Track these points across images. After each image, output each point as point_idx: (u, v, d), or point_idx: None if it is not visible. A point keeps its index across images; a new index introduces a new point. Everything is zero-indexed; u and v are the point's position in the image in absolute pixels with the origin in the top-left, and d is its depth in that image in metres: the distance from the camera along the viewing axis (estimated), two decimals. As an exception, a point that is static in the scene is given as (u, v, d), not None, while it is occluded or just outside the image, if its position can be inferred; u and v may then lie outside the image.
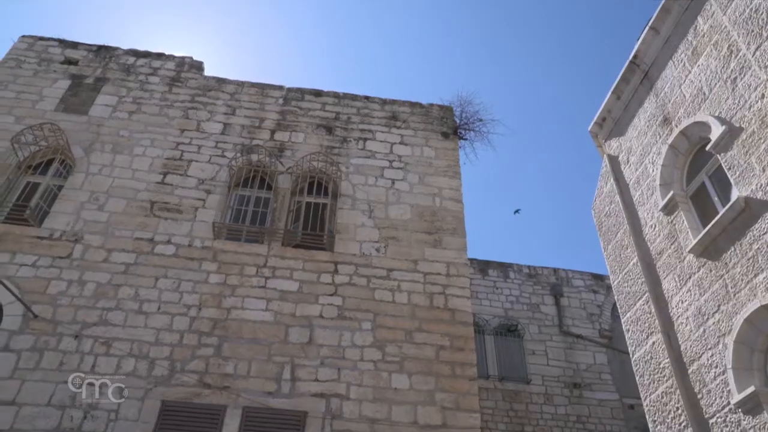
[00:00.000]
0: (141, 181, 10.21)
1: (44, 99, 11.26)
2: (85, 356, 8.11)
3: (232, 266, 9.29)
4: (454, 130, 12.16)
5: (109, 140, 10.75)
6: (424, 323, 9.15)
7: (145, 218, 9.70)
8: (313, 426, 7.84)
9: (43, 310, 8.42)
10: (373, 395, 8.26)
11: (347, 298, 9.21)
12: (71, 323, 8.38)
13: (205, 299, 8.88)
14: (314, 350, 8.59)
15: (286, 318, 8.86)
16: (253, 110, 11.75)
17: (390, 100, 12.55)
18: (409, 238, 10.16)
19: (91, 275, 8.91)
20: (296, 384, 8.22)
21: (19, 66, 11.70)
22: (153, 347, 8.31)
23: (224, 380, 8.14)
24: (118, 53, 12.45)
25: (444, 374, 8.64)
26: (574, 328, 16.11)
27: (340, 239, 9.91)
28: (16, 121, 10.74)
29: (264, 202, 10.56)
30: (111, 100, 11.45)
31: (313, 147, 11.23)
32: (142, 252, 9.27)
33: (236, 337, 8.56)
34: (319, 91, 12.37)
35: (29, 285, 8.66)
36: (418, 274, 9.73)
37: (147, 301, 8.74)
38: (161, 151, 10.70)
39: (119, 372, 8.02)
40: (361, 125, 11.86)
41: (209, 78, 12.24)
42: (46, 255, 9.03)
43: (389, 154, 11.42)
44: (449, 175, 11.30)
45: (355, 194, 10.60)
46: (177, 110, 11.44)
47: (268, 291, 9.10)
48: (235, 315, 8.78)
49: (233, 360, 8.33)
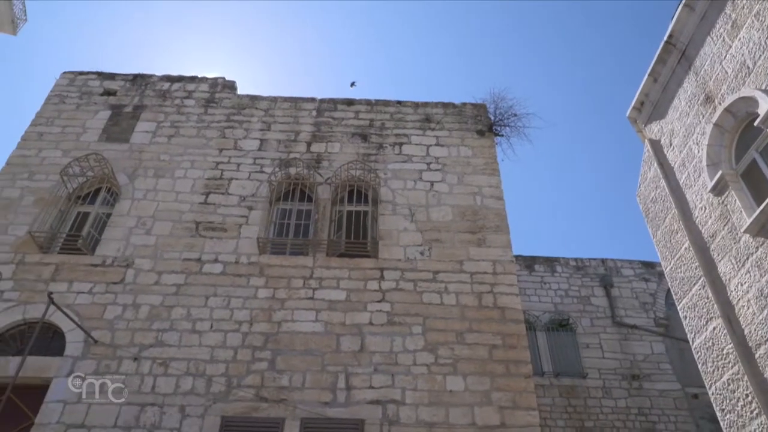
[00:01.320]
0: (184, 202, 10.42)
1: (87, 131, 11.61)
2: (144, 377, 8.29)
3: (279, 280, 9.39)
4: (490, 128, 12.06)
5: (151, 165, 11.00)
6: (474, 323, 9.07)
7: (192, 239, 9.88)
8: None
9: (102, 335, 8.66)
10: (429, 399, 8.23)
11: (395, 303, 9.20)
12: (129, 346, 8.59)
13: (256, 314, 8.99)
14: (367, 357, 8.60)
15: (336, 327, 8.90)
16: (287, 124, 11.88)
17: (422, 103, 12.53)
18: (452, 239, 10.10)
19: (144, 298, 9.13)
20: (351, 392, 8.24)
21: (62, 101, 12.10)
22: (209, 365, 8.45)
23: (280, 393, 8.21)
24: (153, 80, 12.75)
25: (498, 373, 8.55)
26: (628, 319, 15.74)
27: (384, 245, 9.91)
28: (63, 155, 11.10)
29: (305, 214, 10.65)
30: (150, 126, 11.73)
31: (350, 156, 11.28)
32: (191, 272, 9.45)
33: (289, 350, 8.64)
34: (351, 100, 12.43)
35: (87, 311, 8.92)
36: (465, 274, 9.66)
37: (199, 320, 8.90)
38: (202, 172, 10.90)
39: (178, 391, 8.17)
40: (395, 130, 11.87)
41: (243, 96, 12.43)
42: (101, 281, 9.29)
43: (426, 157, 11.39)
44: (488, 172, 11.20)
45: (395, 199, 10.60)
46: (214, 130, 11.65)
47: (316, 302, 9.16)
48: (286, 328, 8.86)
49: (288, 372, 8.40)
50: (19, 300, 9.01)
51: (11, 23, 24.22)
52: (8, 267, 9.36)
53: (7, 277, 9.23)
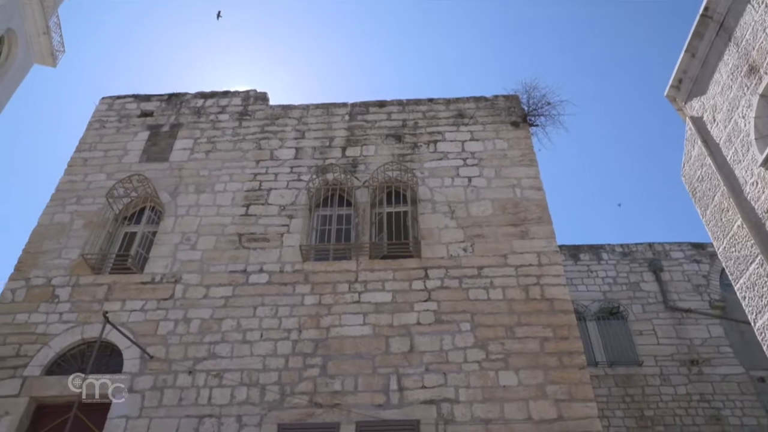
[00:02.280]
0: (226, 215, 10.57)
1: (128, 153, 11.90)
2: (200, 390, 8.44)
3: (324, 286, 9.44)
4: (524, 118, 11.91)
5: (192, 181, 11.21)
6: (523, 317, 8.95)
7: (236, 251, 10.02)
8: (428, 433, 7.81)
9: (156, 350, 8.85)
10: (483, 395, 8.15)
11: (442, 301, 9.15)
12: (183, 360, 8.75)
13: (304, 321, 9.06)
14: (417, 358, 8.57)
15: (384, 329, 8.90)
16: (321, 131, 11.95)
17: (454, 99, 12.45)
18: (494, 233, 10.00)
19: (195, 312, 9.29)
20: (404, 393, 8.23)
21: (103, 126, 12.43)
22: (261, 374, 8.55)
23: (334, 398, 8.25)
24: (187, 98, 12.99)
25: (552, 366, 8.41)
26: (681, 303, 15.32)
27: (426, 244, 9.87)
28: (107, 178, 11.40)
29: (346, 218, 10.69)
30: (187, 144, 11.95)
31: (385, 157, 11.28)
32: (237, 284, 9.58)
33: (339, 354, 8.67)
34: (383, 102, 12.43)
35: (141, 328, 9.13)
36: (510, 268, 9.55)
37: (249, 330, 9.01)
38: (240, 184, 11.05)
39: (234, 401, 8.29)
40: (429, 128, 11.82)
41: (275, 107, 12.56)
42: (152, 298, 9.50)
43: (461, 153, 11.31)
44: (525, 164, 11.06)
45: (433, 197, 10.56)
46: (249, 142, 11.80)
47: (362, 305, 9.18)
48: (335, 333, 8.90)
49: (339, 377, 8.44)
50: (77, 321, 9.29)
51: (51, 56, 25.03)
52: (65, 289, 9.66)
53: (64, 299, 9.53)
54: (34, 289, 9.75)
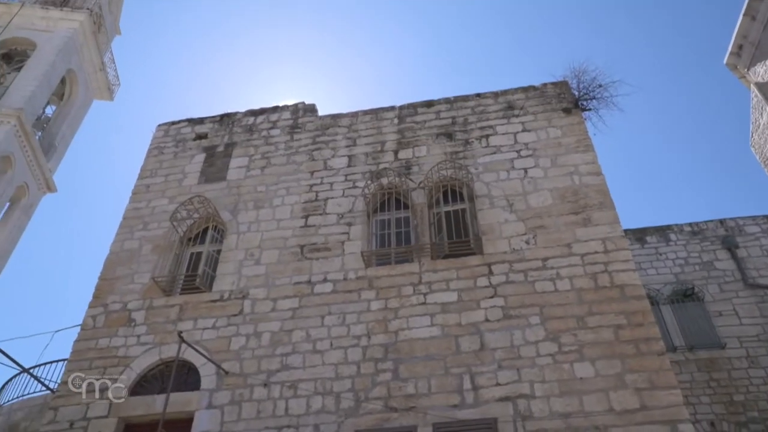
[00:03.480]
0: (286, 228, 10.73)
1: (187, 175, 12.25)
2: (276, 402, 8.58)
3: (389, 290, 9.45)
4: (575, 104, 11.64)
5: (250, 198, 11.44)
6: (594, 306, 8.72)
7: (299, 262, 10.16)
8: (506, 431, 7.69)
9: (231, 365, 9.06)
10: (560, 389, 7.97)
11: (509, 296, 9.02)
12: (258, 373, 8.92)
13: (372, 327, 9.09)
14: (488, 355, 8.46)
15: (453, 329, 8.83)
16: (372, 136, 12.01)
17: (502, 92, 12.29)
18: (556, 223, 9.79)
19: (264, 326, 9.46)
20: (479, 392, 8.13)
21: (161, 152, 12.86)
22: (335, 382, 8.62)
23: (408, 401, 8.23)
24: (239, 117, 13.29)
25: (629, 354, 8.15)
26: (762, 279, 14.56)
27: (487, 240, 9.76)
28: (169, 202, 11.77)
29: (404, 221, 10.68)
30: (243, 162, 12.22)
31: (438, 157, 11.23)
32: (303, 295, 9.70)
33: (410, 357, 8.66)
34: (430, 102, 12.38)
35: (214, 345, 9.37)
36: (575, 257, 9.33)
37: (319, 340, 9.11)
38: (297, 197, 11.20)
39: (310, 411, 8.39)
40: (479, 123, 11.70)
41: (324, 117, 12.70)
42: (222, 315, 9.73)
43: (515, 145, 11.14)
44: (581, 150, 10.80)
45: (490, 192, 10.43)
46: (302, 155, 11.96)
47: (429, 306, 9.14)
48: (404, 336, 8.89)
49: (412, 380, 8.42)
50: (154, 342, 9.61)
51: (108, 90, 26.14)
52: (140, 313, 10.02)
53: (140, 322, 9.89)
54: (112, 314, 10.15)
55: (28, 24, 23.02)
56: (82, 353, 9.71)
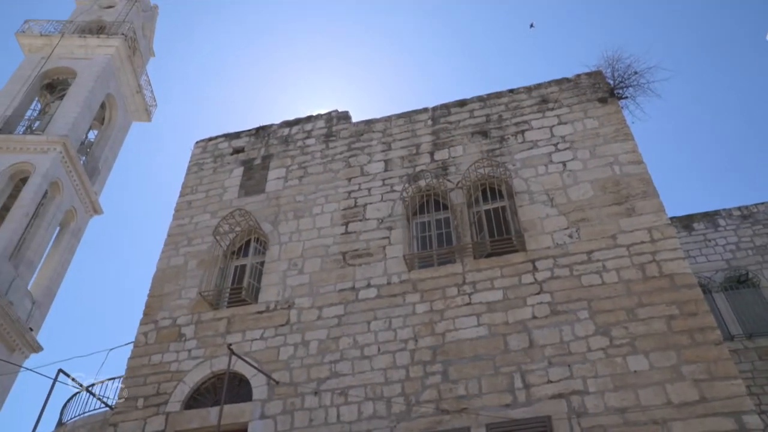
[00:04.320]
0: (327, 236, 10.81)
1: (227, 190, 12.46)
2: (328, 409, 8.63)
3: (433, 292, 9.42)
4: (611, 93, 11.42)
5: (290, 208, 11.56)
6: (643, 297, 8.53)
7: (342, 269, 10.21)
8: (562, 428, 7.58)
9: (281, 375, 9.15)
10: (614, 384, 7.81)
11: (555, 292, 8.89)
12: (307, 382, 8.99)
13: (418, 330, 9.07)
14: (538, 352, 8.35)
15: (500, 328, 8.75)
16: (407, 139, 12.00)
17: (535, 86, 12.15)
18: (599, 215, 9.62)
19: (311, 334, 9.54)
20: (531, 390, 8.03)
21: (200, 169, 13.11)
22: (385, 387, 8.63)
23: (459, 403, 8.18)
24: (274, 129, 13.45)
25: (684, 344, 7.93)
26: (820, 260, 14.04)
27: (530, 236, 9.65)
28: (211, 217, 11.98)
29: (444, 222, 10.63)
30: (280, 173, 12.36)
31: (474, 155, 11.15)
32: (348, 301, 9.75)
33: (458, 359, 8.60)
34: (463, 101, 12.32)
35: (263, 356, 9.48)
36: (621, 248, 9.14)
37: (366, 346, 9.13)
38: (336, 204, 11.27)
39: (362, 417, 8.41)
40: (514, 119, 11.59)
41: (358, 123, 12.76)
42: (269, 326, 9.85)
43: (551, 138, 11.00)
44: (620, 139, 10.59)
45: (530, 188, 10.31)
46: (339, 162, 12.03)
47: (474, 306, 9.08)
48: (451, 337, 8.85)
49: (462, 381, 8.36)
50: (204, 356, 9.79)
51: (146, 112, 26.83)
52: (190, 327, 10.22)
53: (190, 337, 10.08)
54: (162, 330, 10.37)
55: (68, 53, 23.85)
56: (136, 370, 9.95)
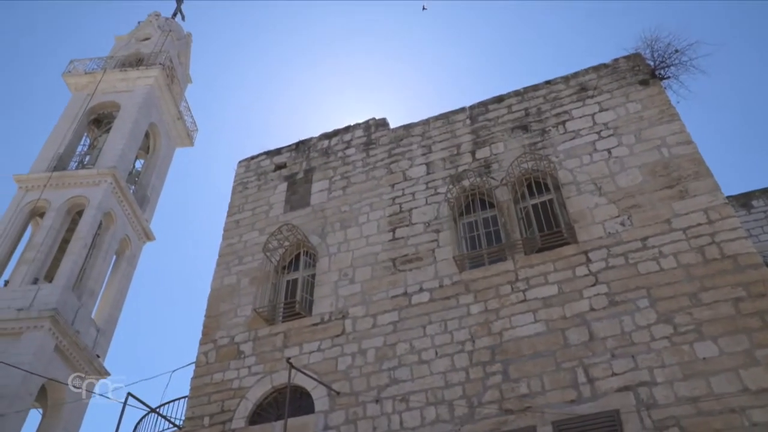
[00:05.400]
0: (375, 244, 10.83)
1: (273, 206, 12.64)
2: (390, 416, 8.62)
3: (486, 291, 9.32)
4: (652, 74, 11.11)
5: (336, 219, 11.64)
6: (705, 280, 8.24)
7: (393, 276, 10.21)
8: (631, 422, 7.36)
9: (341, 386, 9.19)
10: (682, 372, 7.55)
11: (611, 282, 8.68)
12: (368, 390, 9.00)
13: (475, 330, 8.98)
14: (599, 345, 8.16)
15: (558, 323, 8.59)
16: (446, 140, 11.95)
17: (572, 75, 11.93)
18: (650, 200, 9.35)
19: (368, 343, 9.55)
20: (595, 384, 7.84)
21: (245, 188, 13.34)
22: (445, 390, 8.57)
23: (523, 401, 8.06)
24: (313, 142, 13.59)
25: (755, 328, 7.62)
26: None
27: (580, 227, 9.46)
28: (259, 234, 12.17)
29: (491, 220, 10.51)
30: (323, 185, 12.46)
31: (517, 151, 11.02)
32: (401, 307, 9.73)
33: (518, 357, 8.48)
34: (500, 97, 12.19)
35: (322, 367, 9.54)
36: (676, 232, 8.86)
37: (423, 350, 9.10)
38: (382, 211, 11.29)
39: (425, 422, 8.37)
40: (553, 111, 11.40)
41: (396, 129, 12.77)
42: (325, 337, 9.91)
43: (594, 126, 10.77)
44: (665, 121, 10.29)
45: (576, 179, 10.12)
46: (380, 169, 12.06)
47: (530, 303, 8.94)
48: (508, 336, 8.73)
49: (524, 379, 8.24)
50: (264, 371, 9.92)
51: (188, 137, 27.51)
52: (248, 344, 10.38)
53: (249, 353, 10.23)
54: (221, 349, 10.56)
55: (111, 88, 24.68)
56: (200, 389, 10.16)
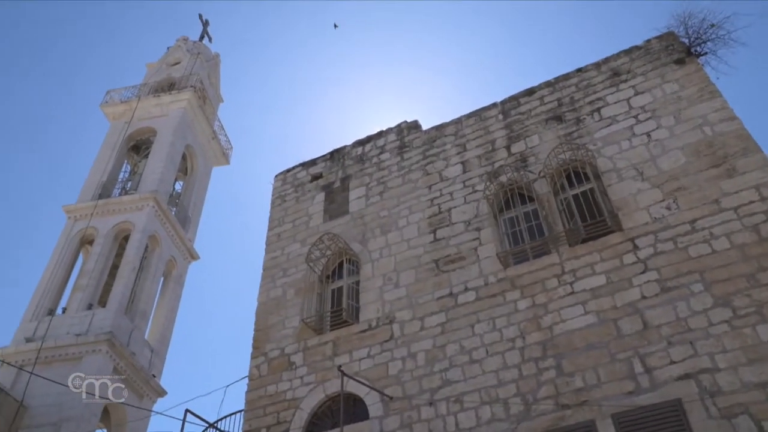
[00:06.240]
0: (417, 247, 10.80)
1: (312, 217, 12.73)
2: (446, 418, 8.56)
3: (533, 286, 9.20)
4: (687, 52, 10.81)
5: (375, 225, 11.65)
6: (762, 260, 7.95)
7: (437, 277, 10.16)
8: (695, 411, 7.14)
9: (393, 390, 9.18)
10: (746, 357, 7.29)
11: (662, 268, 8.45)
12: (421, 393, 8.97)
13: (524, 326, 8.87)
14: (654, 334, 7.95)
15: (609, 313, 8.41)
16: (480, 137, 11.85)
17: (603, 60, 11.70)
18: (696, 181, 9.10)
19: (417, 346, 9.52)
20: (654, 374, 7.64)
21: (283, 200, 13.48)
22: (499, 389, 8.47)
23: (579, 396, 7.91)
24: (347, 150, 13.65)
25: (821, 307, 7.32)
26: None
27: (624, 215, 9.25)
28: (301, 245, 12.27)
29: (532, 214, 10.37)
30: (361, 192, 12.50)
31: (552, 142, 10.86)
32: (448, 308, 9.68)
33: (570, 351, 8.33)
34: (531, 89, 12.04)
35: (373, 373, 9.55)
36: (727, 212, 8.59)
37: (473, 350, 9.02)
38: (421, 214, 11.26)
39: (481, 422, 8.29)
40: (587, 98, 11.20)
41: (429, 130, 12.73)
42: (374, 343, 9.92)
43: (630, 111, 10.54)
44: (705, 98, 10.00)
45: (616, 165, 9.91)
46: (416, 172, 12.04)
47: (578, 295, 8.78)
48: (559, 330, 8.59)
49: (578, 373, 8.09)
50: (316, 381, 9.98)
51: (223, 155, 27.98)
52: (298, 355, 10.47)
53: (300, 364, 10.32)
54: (273, 361, 10.67)
55: (146, 114, 25.32)
56: (255, 402, 10.28)
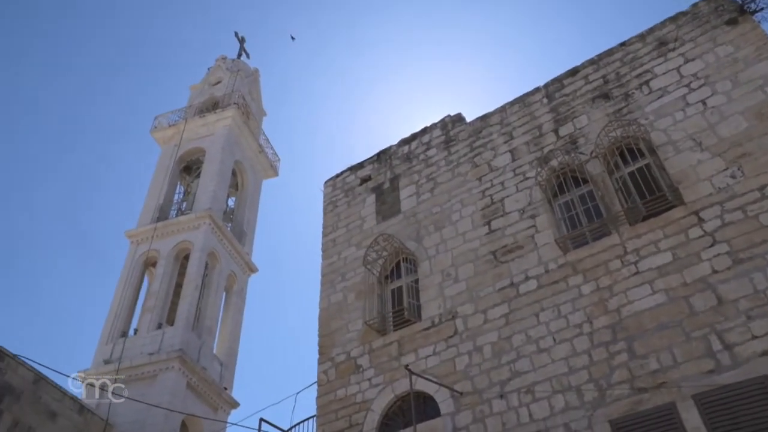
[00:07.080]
0: (473, 240, 10.69)
1: (365, 219, 12.78)
2: (518, 410, 8.44)
3: (595, 270, 8.97)
4: (740, 10, 10.30)
5: (429, 222, 11.61)
6: (841, 220, 7.54)
7: (496, 269, 10.04)
8: (782, 385, 6.82)
9: (463, 385, 9.11)
10: (837, 326, 6.92)
11: (732, 240, 8.11)
12: (490, 387, 8.87)
13: (590, 311, 8.66)
14: (731, 308, 7.63)
15: (679, 290, 8.12)
16: (527, 124, 11.65)
17: (647, 31, 11.31)
18: (760, 145, 8.70)
19: (482, 339, 9.43)
20: (734, 350, 7.33)
21: (335, 206, 13.58)
22: (570, 376, 8.31)
23: (655, 377, 7.67)
24: (393, 150, 13.65)
25: None
26: None
27: (685, 188, 8.92)
28: (357, 248, 12.34)
29: (588, 196, 10.10)
30: (411, 190, 12.48)
31: (602, 121, 10.56)
32: (510, 298, 9.55)
33: (641, 332, 8.09)
34: (574, 69, 11.75)
35: (441, 370, 9.51)
36: (798, 173, 8.18)
37: (540, 338, 8.87)
38: (473, 206, 11.15)
39: (555, 411, 8.14)
40: (633, 72, 10.85)
41: (473, 121, 12.60)
42: (439, 340, 9.88)
43: (681, 80, 10.16)
44: (765, 57, 9.54)
45: (671, 138, 9.57)
46: (465, 165, 11.93)
47: (644, 274, 8.52)
48: (627, 312, 8.35)
49: (652, 354, 7.84)
50: (384, 381, 10.01)
51: (271, 168, 28.43)
52: (364, 357, 10.52)
53: (367, 366, 10.37)
54: (339, 365, 10.76)
55: (194, 135, 25.99)
56: (326, 407, 10.39)
